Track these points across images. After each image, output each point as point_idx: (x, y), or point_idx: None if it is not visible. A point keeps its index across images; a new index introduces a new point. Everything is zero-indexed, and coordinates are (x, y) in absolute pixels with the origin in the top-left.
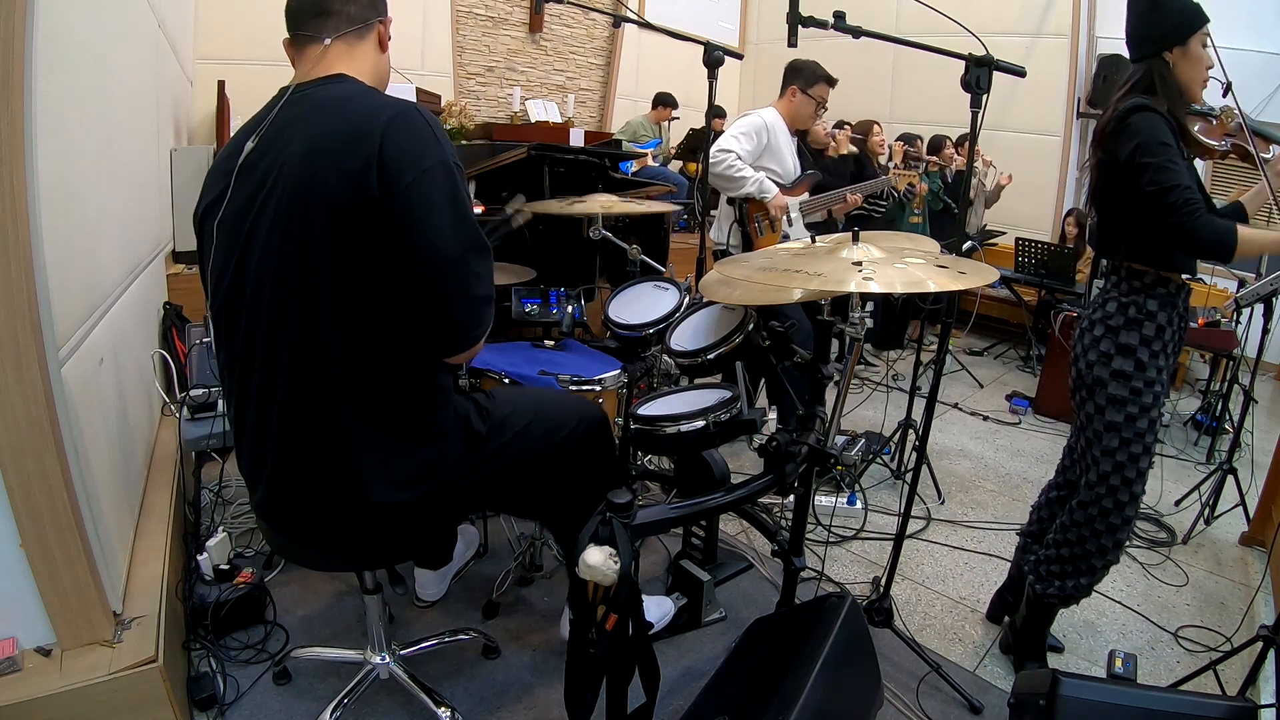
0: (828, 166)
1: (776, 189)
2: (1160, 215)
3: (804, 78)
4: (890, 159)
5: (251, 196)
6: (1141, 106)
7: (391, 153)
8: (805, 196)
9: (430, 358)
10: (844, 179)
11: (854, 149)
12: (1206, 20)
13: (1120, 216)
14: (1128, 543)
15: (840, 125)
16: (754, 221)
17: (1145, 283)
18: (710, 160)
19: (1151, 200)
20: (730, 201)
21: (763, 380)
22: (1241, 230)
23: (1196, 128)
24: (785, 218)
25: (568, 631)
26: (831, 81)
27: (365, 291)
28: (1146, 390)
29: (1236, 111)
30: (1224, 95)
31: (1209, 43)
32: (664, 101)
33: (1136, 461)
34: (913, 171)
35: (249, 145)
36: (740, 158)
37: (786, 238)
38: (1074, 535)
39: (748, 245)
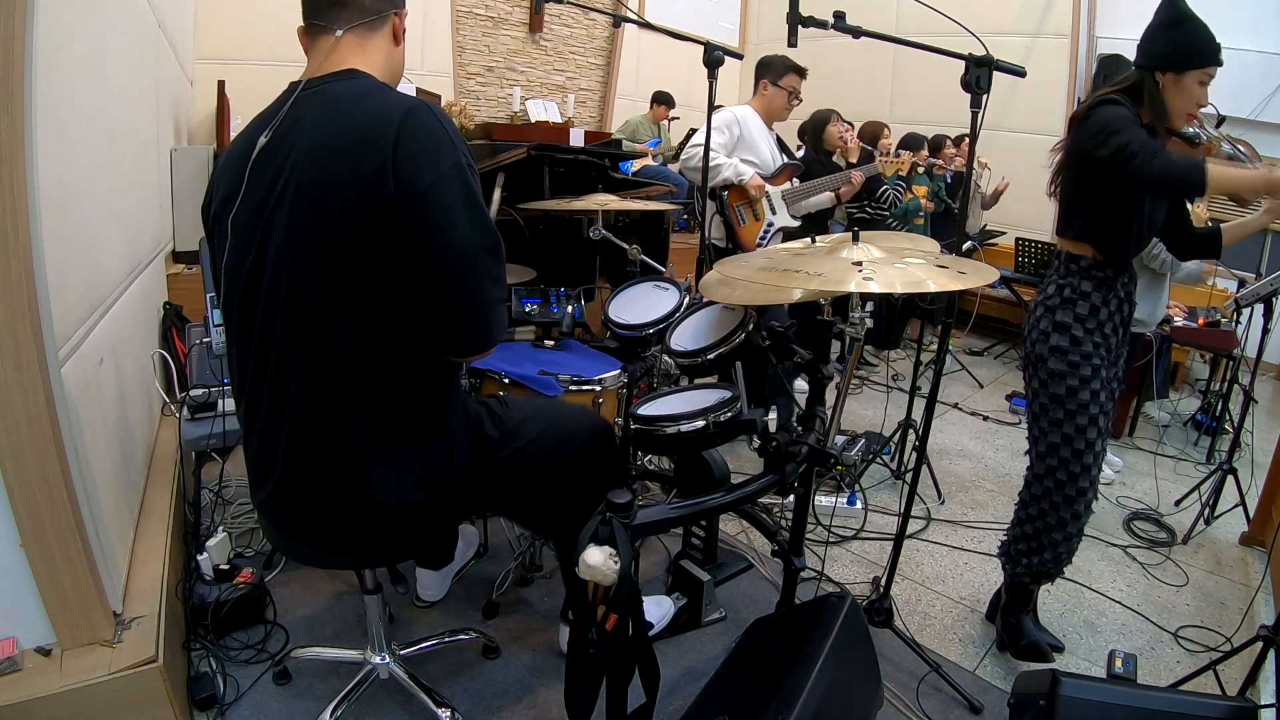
0: (833, 168)
1: (752, 170)
2: (1124, 168)
3: (773, 70)
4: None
5: (266, 194)
6: (1111, 100)
7: (406, 153)
8: (788, 185)
9: (443, 358)
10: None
11: (867, 147)
12: (1216, 63)
13: (1078, 197)
14: (1086, 517)
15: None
16: (734, 210)
17: (1081, 266)
18: (683, 158)
19: (1110, 160)
20: (711, 194)
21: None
22: (1212, 165)
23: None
24: (767, 204)
25: (565, 644)
26: (801, 72)
27: (380, 290)
28: (1084, 363)
29: (1224, 144)
30: (1216, 127)
31: (1207, 83)
32: (661, 100)
33: (1084, 432)
34: (899, 160)
35: (261, 141)
36: (712, 150)
37: (771, 225)
38: (1034, 510)
39: (731, 234)
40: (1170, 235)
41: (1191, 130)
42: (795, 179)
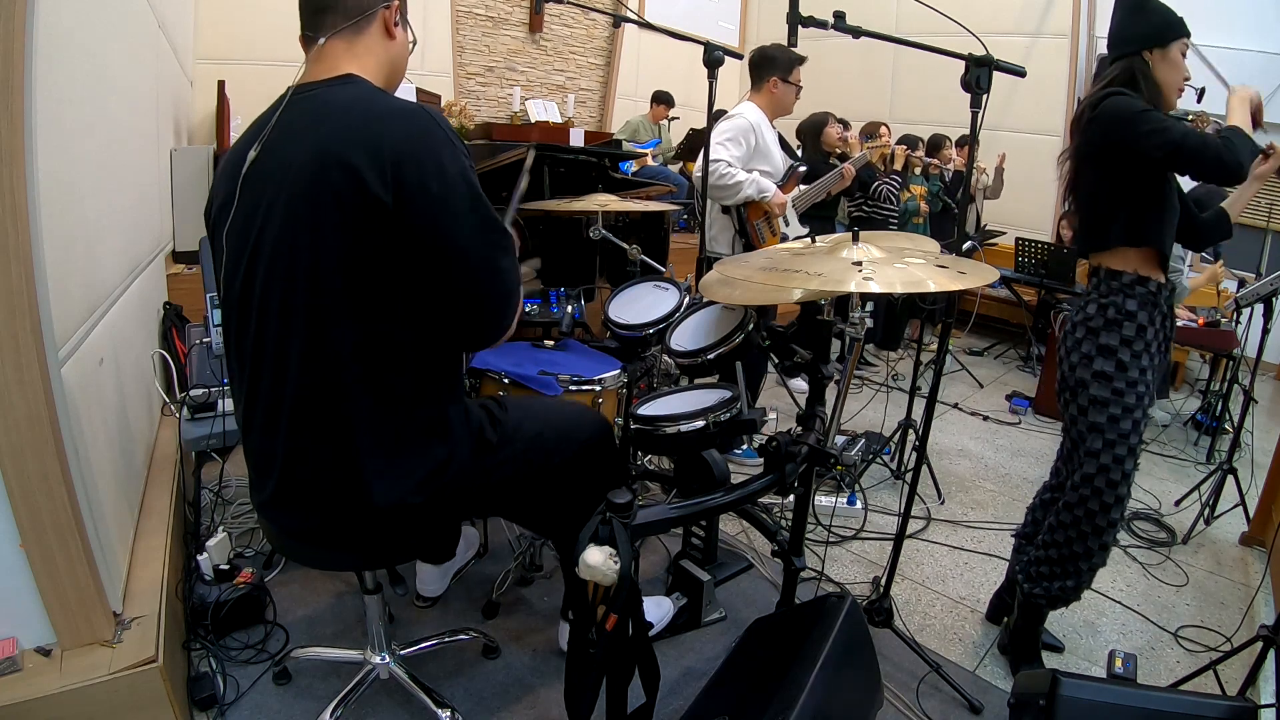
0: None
1: (774, 187)
2: (1190, 162)
3: (781, 66)
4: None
5: (257, 203)
6: (1114, 92)
7: (405, 159)
8: (796, 192)
9: (442, 358)
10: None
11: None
12: (1188, 33)
13: (1113, 199)
14: (1114, 545)
15: (844, 126)
16: (754, 227)
17: (1123, 283)
18: (698, 174)
19: (1170, 159)
20: (726, 211)
21: (762, 378)
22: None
23: None
24: (782, 216)
25: (566, 643)
26: (803, 60)
27: (378, 293)
28: (1129, 390)
29: (1211, 118)
30: (1198, 101)
31: (1185, 54)
32: (661, 100)
33: (1121, 463)
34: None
35: (251, 154)
36: (731, 164)
37: (785, 237)
38: (1061, 537)
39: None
40: (1182, 227)
41: (1179, 112)
42: (801, 185)
